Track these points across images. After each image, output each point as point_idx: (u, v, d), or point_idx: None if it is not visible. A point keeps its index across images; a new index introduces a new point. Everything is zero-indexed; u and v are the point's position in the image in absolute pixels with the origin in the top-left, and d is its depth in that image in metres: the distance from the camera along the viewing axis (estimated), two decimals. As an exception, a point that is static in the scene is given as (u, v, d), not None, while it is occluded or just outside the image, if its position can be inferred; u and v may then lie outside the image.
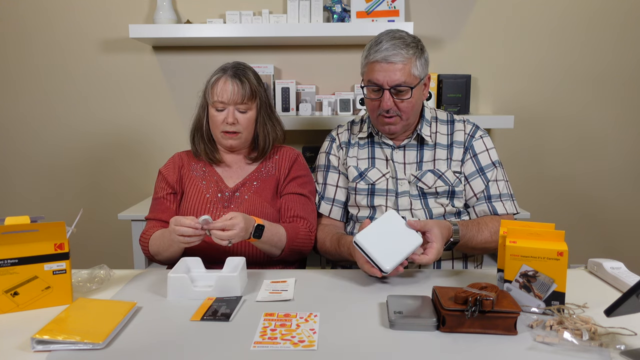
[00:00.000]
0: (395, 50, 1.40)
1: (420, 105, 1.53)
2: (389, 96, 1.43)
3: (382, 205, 1.52)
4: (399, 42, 1.42)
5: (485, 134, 1.56)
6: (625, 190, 2.51)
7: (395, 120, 1.47)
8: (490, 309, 0.95)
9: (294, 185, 1.56)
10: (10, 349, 0.92)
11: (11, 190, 2.51)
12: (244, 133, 1.52)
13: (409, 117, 1.48)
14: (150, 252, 1.45)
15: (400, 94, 1.43)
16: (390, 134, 1.52)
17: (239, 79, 1.48)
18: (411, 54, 1.42)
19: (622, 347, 0.88)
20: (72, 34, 2.38)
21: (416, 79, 1.44)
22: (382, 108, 1.44)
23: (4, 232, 1.06)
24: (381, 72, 1.42)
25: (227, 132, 1.50)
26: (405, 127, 1.51)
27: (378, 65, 1.42)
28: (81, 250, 2.35)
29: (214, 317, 1.04)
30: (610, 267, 1.25)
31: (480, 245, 1.41)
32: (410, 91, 1.43)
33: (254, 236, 1.31)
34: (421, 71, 1.45)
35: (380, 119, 1.48)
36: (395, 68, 1.41)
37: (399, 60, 1.41)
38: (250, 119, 1.51)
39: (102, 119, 2.45)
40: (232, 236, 1.24)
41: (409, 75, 1.42)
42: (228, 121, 1.48)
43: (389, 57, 1.41)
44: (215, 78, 1.51)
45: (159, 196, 1.55)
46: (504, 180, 1.54)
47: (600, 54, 2.40)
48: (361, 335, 0.96)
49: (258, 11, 2.28)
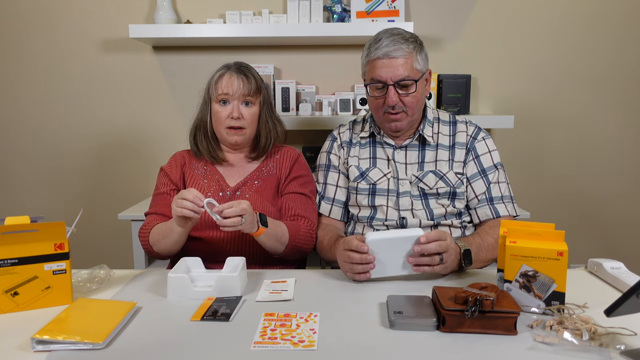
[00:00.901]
0: (396, 45, 1.41)
1: (424, 101, 1.53)
2: (394, 92, 1.43)
3: (383, 205, 1.52)
4: (398, 37, 1.43)
5: (487, 136, 1.56)
6: (625, 190, 2.51)
7: (401, 116, 1.47)
8: (490, 309, 0.95)
9: (295, 185, 1.56)
10: (10, 349, 0.92)
11: (11, 190, 2.51)
12: (248, 129, 1.52)
13: (414, 113, 1.48)
14: (149, 242, 1.44)
15: (405, 88, 1.43)
16: (396, 131, 1.52)
17: (244, 74, 1.50)
18: (412, 48, 1.43)
19: (622, 347, 0.88)
20: (72, 34, 2.38)
21: (419, 73, 1.45)
22: (387, 104, 1.44)
23: (4, 232, 1.06)
24: (384, 69, 1.42)
25: (232, 127, 1.50)
26: (410, 123, 1.51)
27: (380, 62, 1.43)
28: (81, 250, 2.35)
29: (214, 317, 1.04)
30: (610, 267, 1.25)
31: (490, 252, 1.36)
32: (415, 84, 1.43)
33: (261, 224, 1.30)
34: (422, 65, 1.46)
35: (385, 117, 1.48)
36: (398, 63, 1.41)
37: (400, 55, 1.41)
38: (254, 114, 1.52)
39: (102, 119, 2.45)
40: (243, 210, 1.22)
41: (411, 69, 1.43)
42: (233, 115, 1.48)
43: (390, 52, 1.41)
44: (219, 74, 1.52)
45: (161, 192, 1.55)
46: (505, 182, 1.53)
47: (600, 54, 2.40)
48: (361, 335, 0.96)
49: (258, 11, 2.28)
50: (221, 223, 1.23)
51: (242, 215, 1.23)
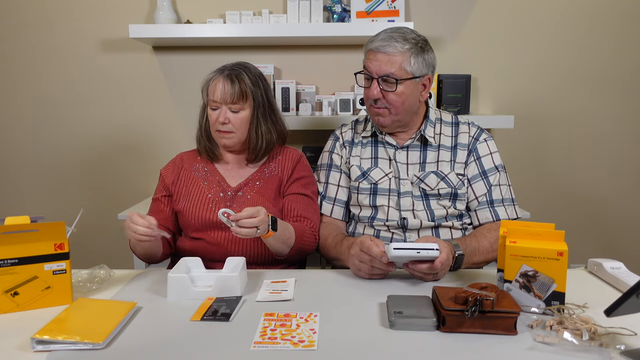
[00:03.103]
0: (390, 42, 1.43)
1: (413, 104, 1.50)
2: (376, 85, 1.45)
3: (384, 206, 1.52)
4: (398, 35, 1.44)
5: (489, 137, 1.56)
6: (625, 190, 2.51)
7: (383, 112, 1.48)
8: (490, 309, 0.95)
9: (297, 186, 1.56)
10: (10, 349, 0.92)
11: (11, 190, 2.51)
12: (237, 133, 1.51)
13: (398, 112, 1.47)
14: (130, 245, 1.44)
15: (386, 84, 1.45)
16: (381, 126, 1.53)
17: (230, 80, 1.49)
18: (406, 48, 1.43)
19: (622, 347, 0.88)
20: (72, 34, 2.38)
21: (407, 74, 1.44)
22: (369, 97, 1.47)
23: (4, 232, 1.06)
24: (373, 61, 1.45)
25: (221, 131, 1.51)
26: (395, 123, 1.50)
27: (372, 54, 1.46)
28: (81, 250, 2.34)
29: (214, 317, 1.04)
30: (610, 267, 1.25)
31: (484, 255, 1.39)
32: (396, 83, 1.43)
33: (272, 228, 1.31)
34: (416, 69, 1.44)
35: (371, 109, 1.51)
36: (386, 59, 1.43)
37: (390, 52, 1.43)
38: (243, 119, 1.51)
39: (102, 119, 2.45)
40: (259, 222, 1.23)
41: (399, 68, 1.43)
42: (219, 120, 1.49)
43: (382, 47, 1.43)
44: (210, 77, 1.52)
45: (155, 197, 1.58)
46: (506, 184, 1.53)
47: (600, 53, 2.40)
48: (361, 335, 0.96)
49: (258, 11, 2.28)
50: (236, 232, 1.23)
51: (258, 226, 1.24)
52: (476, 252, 1.37)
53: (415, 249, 1.15)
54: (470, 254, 1.35)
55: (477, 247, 1.38)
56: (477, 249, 1.38)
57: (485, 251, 1.39)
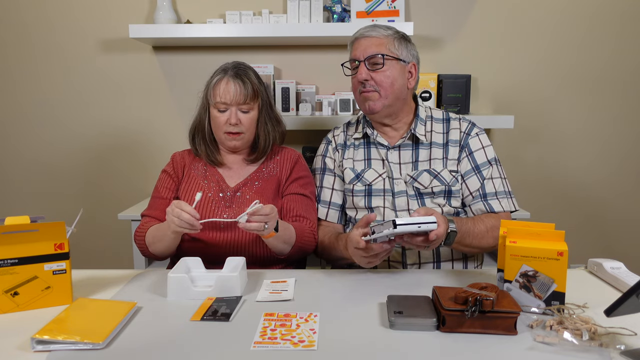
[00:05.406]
0: (373, 28, 1.51)
1: (402, 88, 1.50)
2: (364, 67, 1.48)
3: (379, 207, 1.52)
4: (380, 25, 1.52)
5: (481, 132, 1.55)
6: (625, 190, 2.51)
7: (373, 95, 1.48)
8: (490, 309, 0.95)
9: (295, 186, 1.56)
10: (10, 349, 0.92)
11: (11, 190, 2.51)
12: (247, 134, 1.52)
13: (387, 95, 1.47)
14: (145, 242, 1.44)
15: (374, 65, 1.47)
16: (371, 113, 1.50)
17: (240, 80, 1.48)
18: (390, 33, 1.50)
19: (622, 347, 0.88)
20: (72, 34, 2.38)
21: (393, 54, 1.48)
22: (357, 80, 1.49)
23: (4, 232, 1.06)
24: (358, 48, 1.50)
25: (230, 132, 1.50)
26: (386, 109, 1.49)
27: (357, 42, 1.52)
28: (81, 250, 2.35)
29: (214, 317, 1.04)
30: (610, 267, 1.25)
31: (477, 239, 1.39)
32: (383, 60, 1.46)
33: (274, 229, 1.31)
34: (400, 52, 1.49)
35: (361, 96, 1.51)
36: (371, 42, 1.49)
37: (374, 35, 1.49)
38: (252, 119, 1.51)
39: (102, 118, 2.45)
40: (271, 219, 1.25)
41: (384, 48, 1.48)
42: (231, 122, 1.48)
43: (366, 32, 1.50)
44: (216, 79, 1.50)
45: (162, 196, 1.54)
46: (500, 177, 1.52)
47: (600, 53, 2.40)
48: (361, 335, 0.96)
49: (258, 11, 2.28)
50: (247, 227, 1.23)
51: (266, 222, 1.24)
52: (470, 233, 1.37)
53: (417, 223, 1.17)
54: (464, 233, 1.35)
55: (471, 229, 1.38)
56: (472, 231, 1.38)
57: (480, 235, 1.39)
